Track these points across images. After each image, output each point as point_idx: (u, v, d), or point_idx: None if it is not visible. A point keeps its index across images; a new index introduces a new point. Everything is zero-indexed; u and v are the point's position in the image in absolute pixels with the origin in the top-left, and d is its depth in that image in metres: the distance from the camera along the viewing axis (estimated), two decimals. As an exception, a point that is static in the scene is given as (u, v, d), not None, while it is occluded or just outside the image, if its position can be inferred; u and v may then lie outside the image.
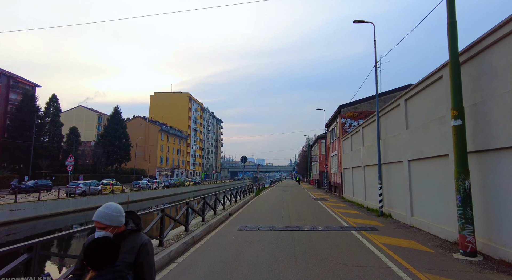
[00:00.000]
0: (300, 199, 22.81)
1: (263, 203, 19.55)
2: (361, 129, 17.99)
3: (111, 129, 62.61)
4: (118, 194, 32.62)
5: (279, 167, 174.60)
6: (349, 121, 24.68)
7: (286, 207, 17.29)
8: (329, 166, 32.64)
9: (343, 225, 10.90)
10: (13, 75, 60.17)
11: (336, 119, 27.52)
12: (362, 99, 24.53)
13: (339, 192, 26.51)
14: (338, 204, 19.00)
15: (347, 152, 22.52)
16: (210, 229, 10.17)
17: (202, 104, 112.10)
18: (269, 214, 14.06)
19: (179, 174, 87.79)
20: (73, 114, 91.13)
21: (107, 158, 62.08)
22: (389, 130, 13.07)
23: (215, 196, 12.48)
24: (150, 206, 36.05)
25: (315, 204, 19.32)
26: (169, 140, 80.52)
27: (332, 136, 30.54)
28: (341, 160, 25.24)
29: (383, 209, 13.18)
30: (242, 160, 24.94)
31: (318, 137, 42.56)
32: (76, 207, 25.33)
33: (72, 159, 27.59)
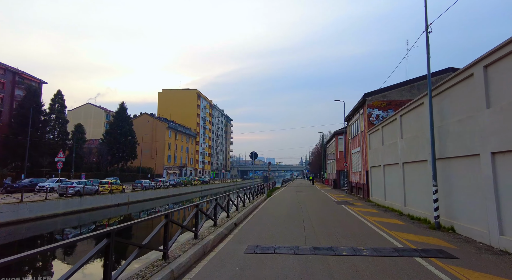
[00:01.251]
0: (320, 202, 19.51)
1: (276, 207, 16.38)
2: (398, 118, 14.58)
3: (116, 126, 60.52)
4: (117, 194, 30.00)
5: (289, 166, 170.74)
6: (377, 111, 21.21)
7: (306, 213, 14.06)
8: (349, 164, 29.18)
9: (394, 245, 7.63)
10: (19, 72, 58.80)
11: (359, 111, 24.06)
12: (392, 86, 21.01)
13: (364, 193, 23.07)
14: (368, 210, 15.64)
15: (375, 147, 19.09)
16: (205, 251, 7.05)
17: (211, 101, 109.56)
18: (286, 224, 10.88)
19: (188, 172, 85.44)
20: (81, 112, 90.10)
21: (113, 156, 60.07)
22: (450, 113, 9.67)
23: (215, 201, 9.37)
24: (153, 208, 33.36)
25: (339, 209, 16.00)
26: (177, 137, 78.16)
27: (354, 131, 27.06)
28: (366, 157, 21.80)
29: (440, 220, 9.79)
30: (252, 156, 21.83)
31: (335, 133, 39.08)
32: (66, 209, 22.71)
33: (63, 155, 25.08)
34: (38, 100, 51.20)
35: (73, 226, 21.41)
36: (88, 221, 23.28)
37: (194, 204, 7.74)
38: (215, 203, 9.35)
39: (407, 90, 20.67)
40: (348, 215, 13.51)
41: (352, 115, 27.31)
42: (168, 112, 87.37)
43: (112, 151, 58.71)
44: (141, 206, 32.38)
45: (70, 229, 20.58)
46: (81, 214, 24.11)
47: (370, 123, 21.22)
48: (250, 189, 17.61)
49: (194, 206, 7.71)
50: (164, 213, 5.88)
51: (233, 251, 7.16)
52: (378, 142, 18.43)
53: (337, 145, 38.95)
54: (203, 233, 8.29)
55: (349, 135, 29.38)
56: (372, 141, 20.22)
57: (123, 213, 28.25)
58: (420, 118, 12.00)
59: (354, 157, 26.97)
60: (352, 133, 27.83)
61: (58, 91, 56.80)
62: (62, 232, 19.86)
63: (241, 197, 14.10)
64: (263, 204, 18.65)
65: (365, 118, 22.10)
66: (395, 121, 15.18)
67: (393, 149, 15.25)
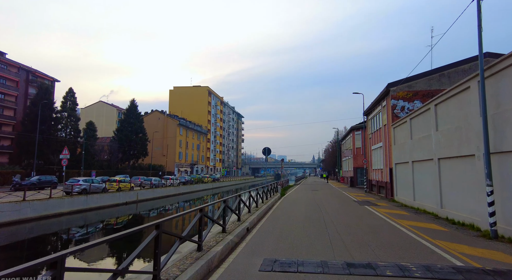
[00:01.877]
0: (340, 203, 17.84)
1: (293, 209, 14.84)
2: (432, 107, 12.77)
3: (127, 124, 60.06)
4: (125, 192, 29.08)
5: (301, 163, 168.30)
6: (402, 103, 19.30)
7: (327, 215, 12.47)
8: (369, 161, 27.30)
9: (450, 261, 6.01)
10: (32, 70, 59.06)
11: (381, 103, 22.16)
12: (419, 75, 19.04)
13: (386, 193, 21.23)
14: (396, 211, 13.90)
15: (402, 142, 17.25)
16: (210, 268, 5.61)
17: (222, 98, 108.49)
18: (307, 230, 9.35)
19: (199, 170, 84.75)
20: (93, 110, 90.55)
21: (124, 153, 59.71)
22: (508, 98, 7.89)
23: (224, 203, 7.94)
24: (162, 206, 32.36)
25: (363, 210, 14.33)
26: (188, 134, 77.43)
27: (374, 125, 25.16)
28: (390, 153, 19.96)
29: (498, 228, 8.03)
30: (265, 152, 20.29)
31: (352, 128, 37.08)
32: (72, 207, 21.82)
33: (67, 152, 24.16)
34: (49, 97, 51.09)
35: (80, 225, 20.49)
36: (94, 220, 22.35)
37: (197, 207, 6.30)
38: (224, 205, 7.91)
39: (436, 79, 18.67)
40: (376, 218, 11.85)
41: (372, 108, 25.39)
42: (179, 109, 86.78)
43: (123, 148, 58.32)
44: (150, 204, 31.44)
45: (77, 229, 19.65)
46: (87, 213, 23.21)
47: (394, 116, 19.35)
48: (263, 188, 16.11)
49: (197, 210, 6.28)
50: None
51: (245, 267, 5.69)
52: (405, 136, 16.59)
53: (354, 140, 36.96)
54: (208, 242, 6.86)
55: (369, 130, 27.46)
56: (397, 135, 18.36)
57: (132, 212, 27.31)
58: (464, 106, 10.20)
59: (375, 153, 25.09)
60: (372, 128, 25.92)
61: (69, 89, 56.64)
62: (67, 232, 18.93)
63: (254, 197, 12.61)
64: (278, 204, 17.14)
65: (388, 110, 20.22)
66: (428, 112, 13.36)
67: (425, 143, 13.44)
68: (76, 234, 18.46)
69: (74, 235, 18.33)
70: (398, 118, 19.10)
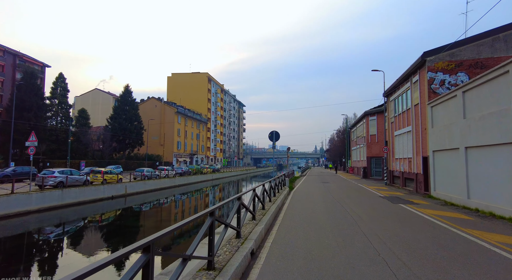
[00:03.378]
0: (365, 200, 14.30)
1: (308, 208, 11.32)
2: (511, 70, 9.04)
3: (121, 111, 56.38)
4: (112, 185, 25.69)
5: (304, 153, 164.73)
6: (441, 76, 15.52)
7: (362, 223, 8.89)
8: (390, 149, 23.65)
9: None
10: (20, 54, 55.22)
11: (411, 78, 18.34)
12: (465, 40, 15.18)
13: (417, 186, 17.66)
14: (450, 214, 10.34)
15: (447, 123, 13.56)
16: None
17: (223, 86, 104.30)
18: (342, 245, 5.81)
19: (199, 160, 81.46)
20: (89, 98, 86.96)
21: (119, 142, 56.29)
22: None
23: (211, 217, 4.36)
24: (155, 200, 29.03)
25: (404, 212, 10.78)
26: (187, 123, 73.79)
27: (399, 107, 21.40)
28: (424, 138, 16.30)
29: None
30: (272, 137, 16.60)
31: (366, 113, 33.31)
32: (42, 204, 18.45)
33: (35, 138, 20.65)
34: (35, 82, 47.35)
35: (47, 225, 17.13)
36: (67, 219, 18.96)
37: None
38: (210, 221, 4.32)
39: (487, 45, 14.82)
40: (432, 226, 8.30)
41: (396, 87, 21.57)
42: (178, 97, 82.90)
43: (116, 137, 54.87)
44: (141, 198, 28.12)
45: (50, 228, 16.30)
46: (63, 209, 19.87)
47: (431, 93, 15.60)
48: (270, 182, 12.56)
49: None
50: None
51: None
52: (452, 115, 12.88)
53: (368, 127, 33.25)
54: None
55: (390, 114, 23.70)
56: (437, 115, 14.65)
57: (118, 207, 23.99)
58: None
59: (399, 139, 21.42)
60: (396, 110, 22.17)
61: (60, 74, 52.90)
62: (20, 237, 15.57)
63: (259, 197, 9.01)
64: (288, 201, 13.64)
65: (422, 86, 16.45)
66: (497, 79, 9.64)
67: (493, 122, 9.77)
68: (34, 239, 15.10)
69: (33, 240, 14.96)
70: (436, 95, 15.38)
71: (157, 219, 21.28)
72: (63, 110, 51.98)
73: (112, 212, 22.63)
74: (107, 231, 17.23)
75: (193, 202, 30.77)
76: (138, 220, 20.64)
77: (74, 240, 15.13)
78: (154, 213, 23.57)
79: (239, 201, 6.30)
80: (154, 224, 19.24)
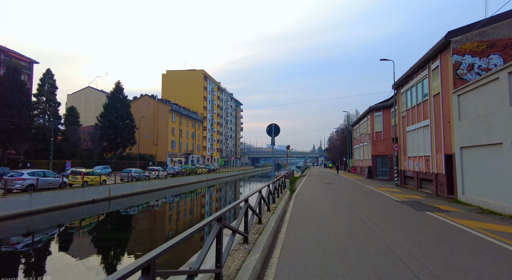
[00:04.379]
0: (382, 207, 11.95)
1: (318, 220, 8.98)
2: None
3: (112, 109, 53.79)
4: (93, 188, 23.20)
5: (302, 153, 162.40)
6: (470, 59, 13.21)
7: (389, 240, 6.54)
8: (401, 147, 21.33)
9: None
10: (4, 49, 52.56)
11: (430, 64, 16.01)
12: (499, 16, 12.86)
13: (437, 189, 15.35)
14: (502, 228, 8.02)
15: (481, 114, 11.24)
16: None
17: (220, 84, 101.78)
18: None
19: (195, 160, 78.93)
20: (81, 96, 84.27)
21: (110, 141, 53.69)
22: None
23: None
24: (144, 203, 26.58)
25: (440, 226, 8.44)
26: (182, 122, 71.24)
27: (412, 99, 19.08)
28: (448, 133, 13.98)
29: None
30: (271, 131, 14.11)
31: (370, 109, 31.01)
32: (5, 211, 15.93)
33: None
34: (19, 78, 44.65)
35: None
36: (31, 229, 16.44)
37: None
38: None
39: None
40: (492, 248, 5.95)
41: (409, 77, 19.25)
42: (173, 95, 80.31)
43: (107, 136, 52.25)
44: (128, 202, 25.67)
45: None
46: (32, 216, 17.38)
47: (457, 79, 13.28)
48: (269, 186, 10.16)
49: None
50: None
51: None
52: (492, 103, 10.56)
53: (373, 123, 30.95)
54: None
55: (401, 107, 21.37)
56: (468, 104, 12.33)
57: (99, 212, 21.52)
58: None
59: (413, 135, 19.11)
60: (409, 103, 19.85)
61: (47, 71, 50.16)
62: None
63: (254, 209, 6.60)
64: (291, 209, 11.26)
65: (446, 72, 14.13)
66: None
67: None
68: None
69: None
70: (463, 81, 13.06)
71: (144, 227, 18.86)
72: (51, 108, 49.30)
73: (93, 217, 20.18)
74: (77, 243, 14.79)
75: (184, 206, 28.34)
76: (121, 227, 18.19)
77: (29, 256, 12.67)
78: (140, 219, 21.14)
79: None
80: (142, 234, 16.81)
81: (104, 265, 11.46)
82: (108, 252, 13.21)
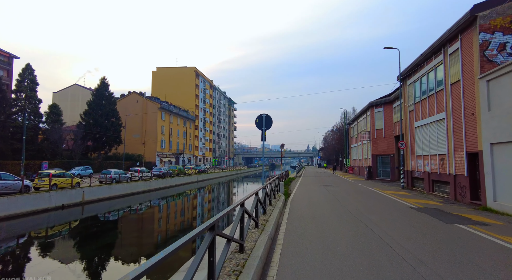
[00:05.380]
0: (395, 215, 9.64)
1: (327, 246, 6.62)
2: None
3: (96, 106, 50.81)
4: (63, 192, 20.55)
5: (297, 152, 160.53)
6: (501, 38, 11.01)
7: (427, 268, 4.20)
8: (408, 145, 19.13)
9: None
10: (-20, 43, 49.32)
11: (450, 45, 13.79)
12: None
13: (456, 193, 13.13)
14: None
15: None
16: None
17: (212, 81, 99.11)
18: None
19: (186, 160, 76.17)
20: (67, 94, 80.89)
21: (95, 141, 50.72)
22: None
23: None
24: (124, 208, 23.99)
25: (490, 247, 6.13)
26: (172, 120, 68.45)
27: (422, 90, 16.88)
28: (474, 127, 11.77)
29: None
30: (260, 123, 11.40)
31: (370, 105, 28.85)
32: None
33: None
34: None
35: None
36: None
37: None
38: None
39: None
40: None
41: (419, 66, 17.04)
42: (163, 93, 77.45)
43: (91, 135, 49.27)
44: (104, 206, 23.04)
45: None
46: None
47: (485, 62, 11.07)
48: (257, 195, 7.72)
49: None
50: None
51: None
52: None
53: (374, 120, 28.80)
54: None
55: (408, 100, 19.18)
56: (503, 91, 10.11)
57: (68, 219, 18.89)
58: None
59: (423, 131, 16.92)
60: (418, 95, 17.65)
61: (27, 65, 47.01)
62: None
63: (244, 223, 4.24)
64: (286, 220, 8.89)
65: (469, 54, 11.91)
66: None
67: None
68: None
69: None
70: (492, 64, 10.86)
71: (113, 239, 16.30)
72: (31, 106, 46.16)
73: (59, 226, 17.53)
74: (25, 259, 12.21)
75: (167, 210, 25.79)
76: (86, 240, 15.60)
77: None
78: (109, 230, 18.47)
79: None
80: (107, 251, 14.27)
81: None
82: (65, 274, 10.69)
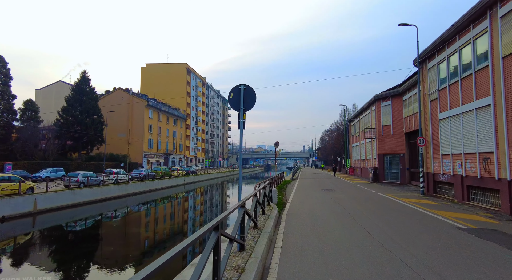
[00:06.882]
0: (436, 240, 6.07)
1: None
2: None
3: (75, 102, 46.78)
4: (6, 200, 16.76)
5: (293, 153, 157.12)
6: None
7: None
8: (429, 141, 15.68)
9: None
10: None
11: (502, 5, 10.36)
12: None
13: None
14: None
15: None
16: None
17: (205, 79, 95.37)
18: None
19: (176, 161, 72.28)
20: (52, 91, 76.49)
21: (75, 140, 46.73)
22: None
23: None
24: (87, 218, 20.26)
25: None
26: (161, 118, 64.58)
27: (451, 72, 13.45)
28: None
29: None
30: (236, 98, 7.42)
31: (376, 98, 25.45)
32: None
33: None
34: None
35: None
36: None
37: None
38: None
39: None
40: None
41: (447, 41, 13.60)
42: (153, 91, 73.57)
43: (71, 134, 45.28)
44: (63, 217, 19.28)
45: None
46: None
47: None
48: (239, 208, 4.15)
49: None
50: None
51: None
52: None
53: (380, 115, 25.39)
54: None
55: (429, 88, 15.74)
56: None
57: (7, 235, 15.11)
58: None
59: (452, 124, 13.47)
60: (443, 79, 14.22)
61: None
62: None
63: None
64: (278, 256, 5.31)
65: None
66: None
67: None
68: None
69: None
70: None
71: (64, 262, 12.61)
72: (4, 102, 42.06)
73: None
74: None
75: (140, 221, 22.06)
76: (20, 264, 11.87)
77: None
78: (58, 250, 14.82)
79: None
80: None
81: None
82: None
